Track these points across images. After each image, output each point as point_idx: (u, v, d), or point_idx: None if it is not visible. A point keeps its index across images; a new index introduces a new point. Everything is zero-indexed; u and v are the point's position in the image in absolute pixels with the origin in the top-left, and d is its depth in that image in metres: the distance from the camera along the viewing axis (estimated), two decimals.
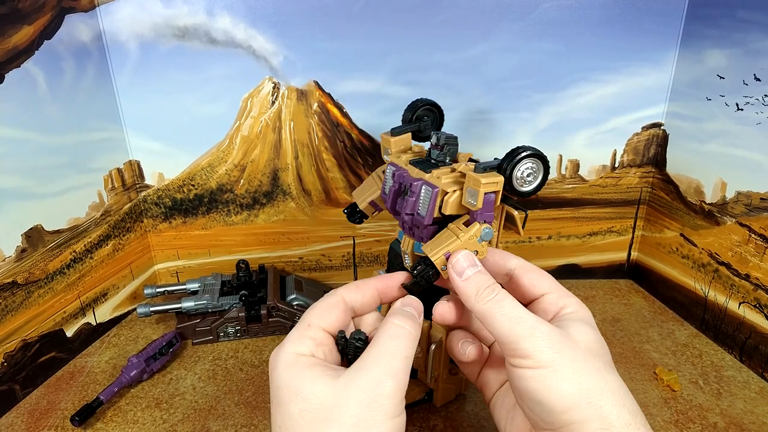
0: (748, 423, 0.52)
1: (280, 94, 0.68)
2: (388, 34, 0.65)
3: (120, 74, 0.65)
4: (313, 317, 0.35)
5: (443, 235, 0.38)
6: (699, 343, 0.64)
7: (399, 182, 0.43)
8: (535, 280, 0.37)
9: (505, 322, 0.32)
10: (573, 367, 0.31)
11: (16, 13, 0.52)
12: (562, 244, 0.78)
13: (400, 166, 0.43)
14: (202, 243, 0.75)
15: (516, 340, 0.32)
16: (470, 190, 0.37)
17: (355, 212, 0.51)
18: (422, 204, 0.40)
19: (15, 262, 0.54)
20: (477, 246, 0.37)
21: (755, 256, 0.57)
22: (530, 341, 0.31)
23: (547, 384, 0.31)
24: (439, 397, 0.52)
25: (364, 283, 0.38)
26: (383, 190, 0.45)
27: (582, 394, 0.30)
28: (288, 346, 0.33)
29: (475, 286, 0.34)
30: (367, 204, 0.49)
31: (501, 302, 0.33)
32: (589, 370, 0.31)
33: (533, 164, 0.38)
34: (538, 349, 0.31)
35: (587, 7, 0.65)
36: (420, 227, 0.41)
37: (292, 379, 0.31)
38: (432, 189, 0.39)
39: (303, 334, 0.34)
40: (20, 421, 0.53)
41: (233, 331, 0.65)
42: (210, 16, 0.63)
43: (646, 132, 0.71)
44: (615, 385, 0.31)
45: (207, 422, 0.52)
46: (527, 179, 0.38)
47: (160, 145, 0.69)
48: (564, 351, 0.31)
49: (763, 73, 0.55)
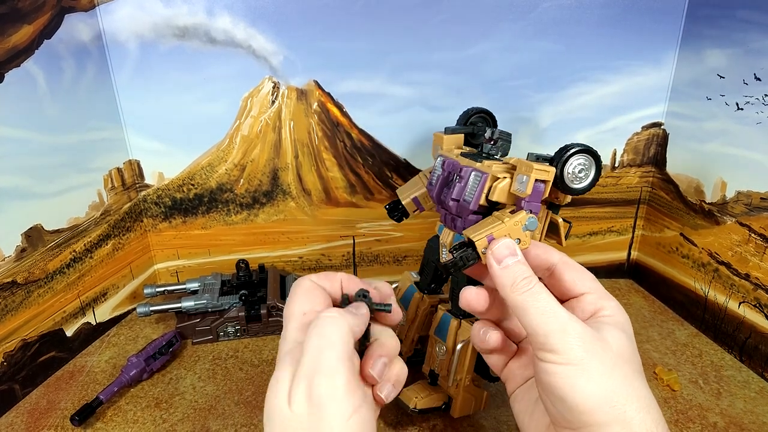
0: (748, 423, 0.52)
1: (280, 93, 0.68)
2: (388, 34, 0.65)
3: (120, 74, 0.65)
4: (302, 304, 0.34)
5: (487, 221, 0.37)
6: (699, 343, 0.64)
7: (448, 170, 0.43)
8: (577, 279, 0.37)
9: (537, 315, 0.32)
10: (601, 369, 0.30)
11: (15, 12, 0.52)
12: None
13: (451, 157, 0.44)
14: (202, 242, 0.75)
15: (546, 333, 0.31)
16: (520, 176, 0.37)
17: (397, 209, 0.51)
18: (470, 189, 0.40)
19: (15, 261, 0.54)
20: (521, 234, 0.36)
21: (755, 255, 0.57)
22: (561, 337, 0.31)
23: (573, 382, 0.30)
24: (458, 408, 0.49)
25: (332, 274, 0.37)
26: (430, 181, 0.46)
27: (607, 397, 0.30)
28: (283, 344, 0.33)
29: (512, 275, 0.34)
30: (410, 200, 0.50)
31: (536, 295, 0.33)
32: (617, 374, 0.31)
33: (585, 160, 0.38)
34: (568, 345, 0.31)
35: (587, 7, 0.64)
36: (464, 216, 0.41)
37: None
38: (482, 174, 0.40)
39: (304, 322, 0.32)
40: (20, 420, 0.53)
41: (233, 331, 0.65)
42: (210, 15, 0.63)
43: (646, 132, 0.71)
44: (641, 392, 0.31)
45: (207, 422, 0.52)
46: (579, 176, 0.38)
47: (160, 144, 0.69)
48: (594, 351, 0.31)
49: (763, 73, 0.55)
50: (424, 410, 0.50)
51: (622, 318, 0.35)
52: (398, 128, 0.70)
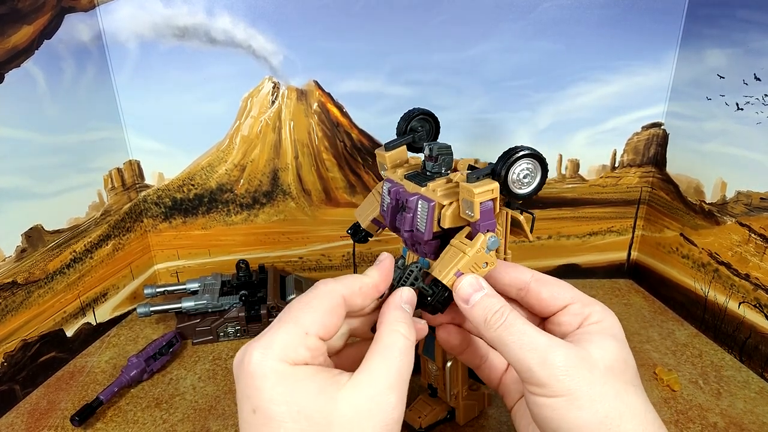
0: (748, 423, 0.52)
1: (280, 93, 0.68)
2: (388, 34, 0.65)
3: (120, 74, 0.65)
4: (310, 324, 0.30)
5: (448, 254, 0.36)
6: (699, 343, 0.64)
7: (395, 198, 0.41)
8: (555, 292, 0.36)
9: (516, 349, 0.31)
10: (590, 394, 0.30)
11: (15, 12, 0.52)
12: (562, 244, 0.78)
13: (396, 181, 0.42)
14: (202, 243, 0.75)
15: (529, 368, 0.30)
16: (466, 201, 0.35)
17: (359, 231, 0.49)
18: (420, 219, 0.39)
19: (15, 261, 0.54)
20: (486, 257, 0.35)
21: (755, 255, 0.57)
22: (544, 370, 0.30)
23: (564, 413, 0.30)
24: (462, 416, 0.50)
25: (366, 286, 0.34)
26: (381, 207, 0.43)
27: (600, 421, 0.29)
28: (279, 351, 0.28)
29: (482, 312, 0.33)
30: (370, 222, 0.48)
31: (510, 328, 0.32)
32: (607, 394, 0.30)
33: (529, 164, 0.36)
34: (552, 378, 0.30)
35: (587, 7, 0.64)
36: (421, 243, 0.40)
37: (290, 394, 0.27)
38: (428, 203, 0.37)
39: (299, 342, 0.29)
40: (20, 421, 0.53)
41: (233, 331, 0.65)
42: (210, 15, 0.63)
43: (646, 132, 0.71)
44: (636, 407, 0.30)
45: (207, 422, 0.52)
46: (524, 181, 0.36)
47: (160, 144, 0.69)
48: (580, 377, 0.30)
49: (763, 73, 0.55)
50: (431, 426, 0.50)
51: (610, 321, 0.35)
52: None
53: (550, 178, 0.73)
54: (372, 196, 0.49)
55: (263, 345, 0.29)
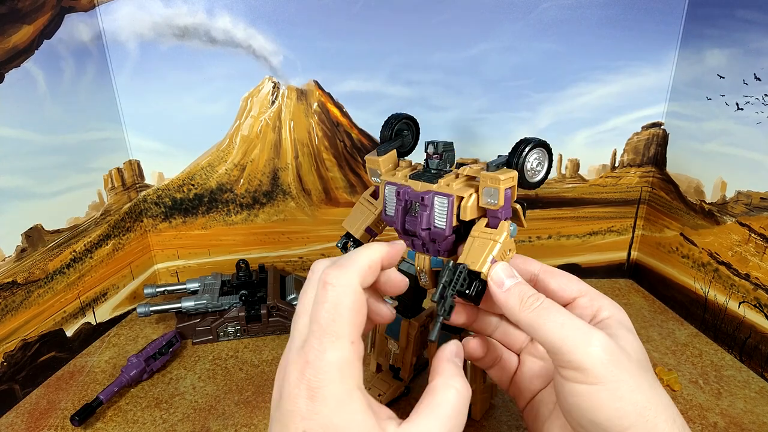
0: (748, 423, 0.52)
1: (280, 93, 0.68)
2: (388, 34, 0.65)
3: (120, 74, 0.65)
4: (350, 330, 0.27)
5: (474, 245, 0.36)
6: (699, 343, 0.64)
7: (404, 200, 0.40)
8: (564, 284, 0.36)
9: (556, 328, 0.30)
10: (630, 383, 0.29)
11: (15, 12, 0.52)
12: (562, 244, 0.78)
13: (400, 183, 0.41)
14: (202, 243, 0.75)
15: (570, 349, 0.29)
16: (488, 189, 0.37)
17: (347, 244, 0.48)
18: (438, 215, 0.39)
19: (15, 261, 0.54)
20: (510, 244, 0.36)
21: (755, 255, 0.57)
22: (586, 351, 0.29)
23: (603, 403, 0.28)
24: (478, 410, 0.51)
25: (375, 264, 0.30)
26: (385, 213, 0.43)
27: (639, 413, 0.28)
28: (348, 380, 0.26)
29: (518, 295, 0.33)
30: (363, 232, 0.47)
31: (549, 309, 0.31)
32: (643, 385, 0.29)
33: (539, 153, 0.39)
34: (596, 361, 0.28)
35: (587, 7, 0.64)
36: (438, 240, 0.40)
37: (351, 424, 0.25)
38: (447, 198, 0.38)
39: (353, 359, 0.26)
40: (20, 420, 0.53)
41: (233, 331, 0.65)
42: (210, 15, 0.63)
43: (646, 132, 0.71)
44: (666, 400, 0.30)
45: (207, 422, 0.52)
46: (537, 169, 0.39)
47: (160, 144, 0.69)
48: (621, 364, 0.29)
49: (763, 73, 0.55)
50: (391, 402, 0.52)
51: (622, 314, 0.34)
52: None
53: (551, 178, 0.73)
54: (360, 206, 0.48)
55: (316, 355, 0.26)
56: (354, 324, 0.27)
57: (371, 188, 0.48)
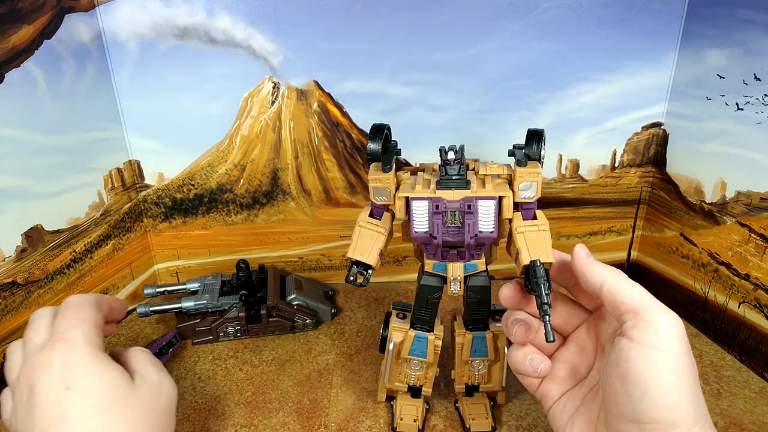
0: (748, 423, 0.52)
1: (280, 93, 0.68)
2: (388, 34, 0.65)
3: (120, 74, 0.65)
4: (92, 313, 0.37)
5: (527, 239, 0.39)
6: (699, 343, 0.64)
7: (442, 211, 0.39)
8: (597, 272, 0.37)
9: (637, 292, 0.33)
10: (690, 370, 0.31)
11: (15, 12, 0.52)
12: (562, 244, 0.78)
13: (427, 197, 0.40)
14: (202, 243, 0.75)
15: (650, 311, 0.31)
16: (525, 183, 0.39)
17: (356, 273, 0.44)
18: (484, 219, 0.39)
19: (15, 261, 0.54)
20: None
21: (755, 255, 0.57)
22: (665, 317, 0.31)
23: (664, 373, 0.29)
24: (504, 397, 0.53)
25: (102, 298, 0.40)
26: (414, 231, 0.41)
27: (687, 401, 0.29)
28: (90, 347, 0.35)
29: (599, 263, 0.36)
30: (377, 257, 0.43)
31: (624, 275, 0.35)
32: (695, 382, 0.31)
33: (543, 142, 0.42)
34: (673, 329, 0.31)
35: (587, 7, 0.64)
36: (486, 244, 0.41)
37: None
38: (492, 200, 0.39)
39: (98, 333, 0.36)
40: None
41: (233, 331, 0.65)
42: (209, 15, 0.63)
43: (646, 132, 0.71)
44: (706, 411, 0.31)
45: (207, 422, 0.52)
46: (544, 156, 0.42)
47: (160, 144, 0.69)
48: (687, 346, 0.31)
49: (763, 73, 0.55)
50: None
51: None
52: (398, 128, 0.70)
53: (551, 178, 0.73)
54: (364, 230, 0.44)
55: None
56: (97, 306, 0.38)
57: (366, 210, 0.44)
